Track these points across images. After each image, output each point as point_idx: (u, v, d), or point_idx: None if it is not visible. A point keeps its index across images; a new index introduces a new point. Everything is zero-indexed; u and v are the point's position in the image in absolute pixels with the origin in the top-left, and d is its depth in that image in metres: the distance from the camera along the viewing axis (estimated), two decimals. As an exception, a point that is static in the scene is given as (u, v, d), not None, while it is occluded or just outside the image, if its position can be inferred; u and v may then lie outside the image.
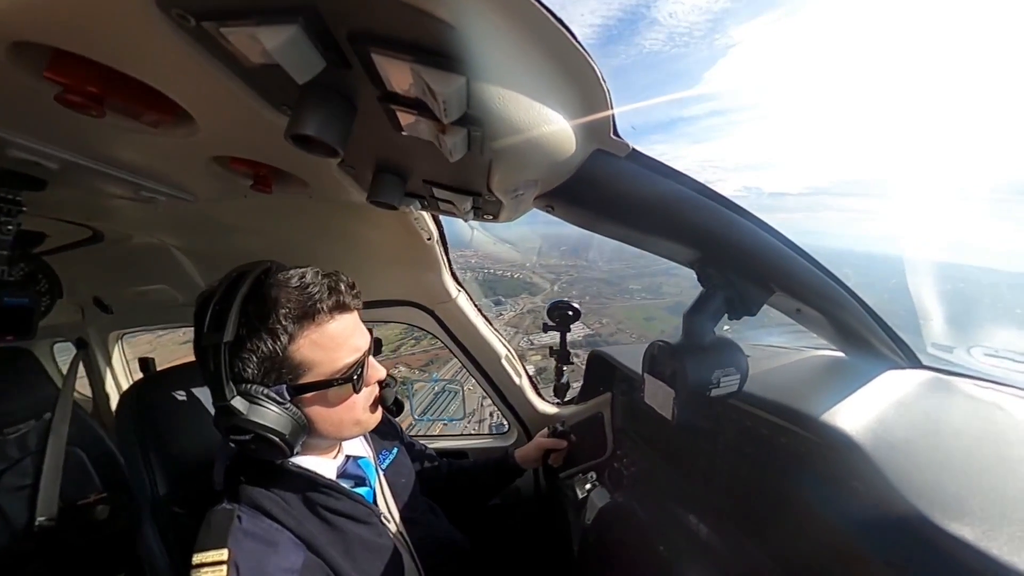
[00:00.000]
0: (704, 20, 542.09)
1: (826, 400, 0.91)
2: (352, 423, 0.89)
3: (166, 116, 0.61)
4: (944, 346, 1.16)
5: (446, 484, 1.39)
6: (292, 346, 0.77)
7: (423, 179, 0.77)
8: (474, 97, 0.41)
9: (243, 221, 1.35)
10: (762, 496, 1.01)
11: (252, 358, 0.75)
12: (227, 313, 0.73)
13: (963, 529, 0.59)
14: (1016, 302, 1.55)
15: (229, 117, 0.62)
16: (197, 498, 0.91)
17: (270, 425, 0.74)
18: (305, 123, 0.45)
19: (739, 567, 0.98)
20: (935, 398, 0.94)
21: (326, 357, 0.80)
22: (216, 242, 1.54)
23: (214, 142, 0.75)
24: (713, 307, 0.84)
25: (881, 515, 0.69)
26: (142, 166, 0.90)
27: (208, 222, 1.35)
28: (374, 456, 1.09)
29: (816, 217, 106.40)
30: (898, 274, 1.44)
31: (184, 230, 1.49)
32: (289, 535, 0.81)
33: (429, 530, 1.12)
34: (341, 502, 0.90)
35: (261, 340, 0.75)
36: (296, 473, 0.87)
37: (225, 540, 0.74)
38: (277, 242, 1.48)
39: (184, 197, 1.08)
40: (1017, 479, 0.68)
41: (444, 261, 1.63)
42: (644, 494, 1.33)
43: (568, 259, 21.89)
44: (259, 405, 0.74)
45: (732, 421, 1.09)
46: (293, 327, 0.76)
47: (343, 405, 0.85)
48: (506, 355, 1.88)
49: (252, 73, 0.46)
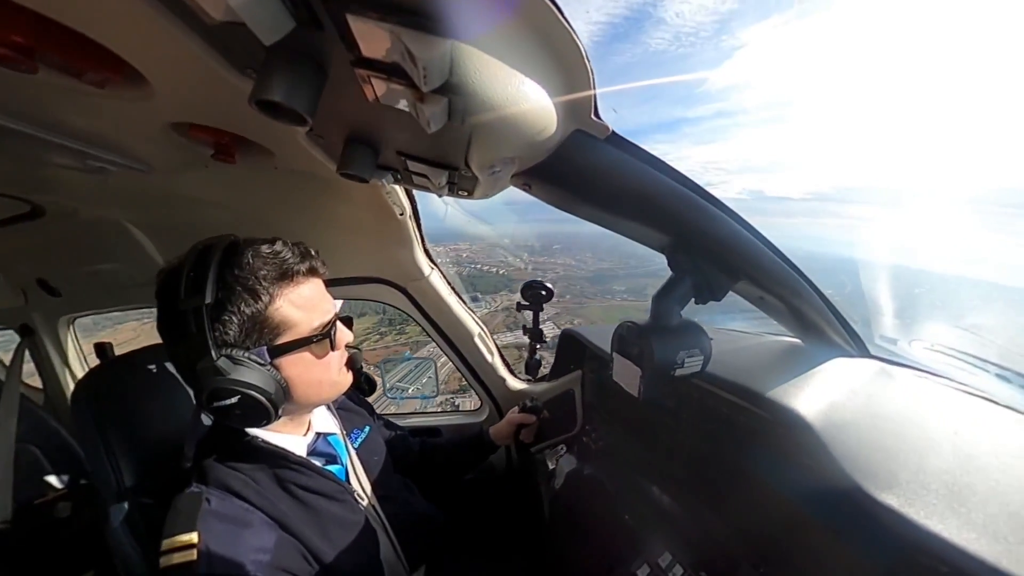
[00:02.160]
0: (711, 21, 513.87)
1: (781, 383, 0.96)
2: (329, 384, 0.89)
3: (113, 75, 0.56)
4: (890, 338, 1.25)
5: (420, 461, 1.40)
6: (272, 306, 0.77)
7: (397, 151, 0.73)
8: (457, 64, 0.39)
9: (204, 193, 1.26)
10: (720, 469, 1.08)
11: (232, 320, 0.74)
12: (204, 277, 0.72)
13: (891, 498, 0.66)
14: (953, 303, 1.68)
15: (188, 80, 0.57)
16: (167, 486, 0.88)
17: (257, 384, 0.74)
18: (272, 88, 0.42)
19: (698, 534, 1.05)
20: (878, 384, 1.01)
21: (303, 317, 0.81)
22: (175, 216, 1.43)
23: (171, 107, 0.69)
24: (681, 291, 0.86)
25: (824, 487, 0.75)
26: (88, 132, 0.82)
27: (166, 194, 1.25)
28: (344, 435, 1.08)
29: (818, 223, 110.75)
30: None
31: (138, 203, 1.38)
32: (260, 515, 0.80)
33: (404, 507, 1.13)
34: (313, 479, 0.90)
35: (242, 301, 0.74)
36: (266, 450, 0.86)
37: (194, 523, 0.72)
38: (241, 215, 1.40)
39: (138, 167, 1.00)
40: (937, 456, 0.75)
41: (417, 237, 1.59)
42: (611, 466, 1.38)
43: (559, 257, 21.92)
44: (243, 366, 0.74)
45: (694, 399, 1.15)
46: (273, 287, 0.77)
47: (320, 364, 0.85)
48: (479, 333, 1.89)
49: (214, 32, 0.43)
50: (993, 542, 0.58)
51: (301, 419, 0.96)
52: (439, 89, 0.41)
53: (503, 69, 0.42)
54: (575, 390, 1.71)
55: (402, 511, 1.10)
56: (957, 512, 0.63)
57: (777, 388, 0.94)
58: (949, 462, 0.74)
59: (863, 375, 1.03)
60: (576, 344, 1.71)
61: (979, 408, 0.92)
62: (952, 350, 1.19)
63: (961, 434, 0.83)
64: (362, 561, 0.93)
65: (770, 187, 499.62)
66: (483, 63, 0.41)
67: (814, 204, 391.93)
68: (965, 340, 1.23)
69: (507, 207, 19.54)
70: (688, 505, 1.12)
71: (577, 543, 1.27)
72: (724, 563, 0.95)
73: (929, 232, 39.39)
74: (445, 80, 0.41)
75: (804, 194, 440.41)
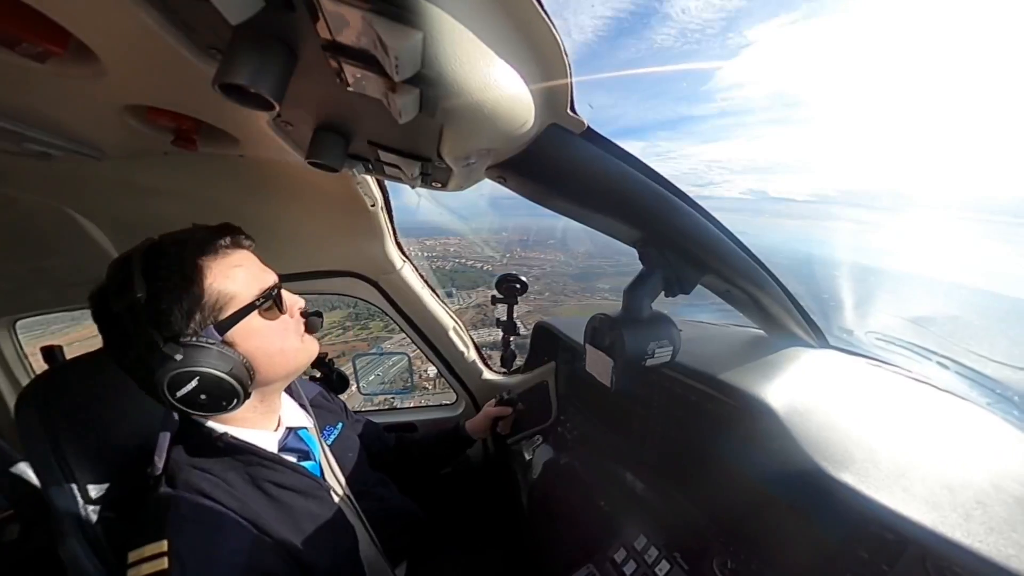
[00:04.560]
0: (718, 18, 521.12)
1: (747, 372, 1.01)
2: (293, 351, 0.87)
3: (54, 48, 0.51)
4: (847, 330, 1.33)
5: (397, 457, 1.39)
6: (205, 282, 0.75)
7: (368, 140, 0.71)
8: (430, 56, 0.38)
9: (163, 182, 1.18)
10: (690, 454, 1.12)
11: (171, 308, 0.71)
12: (129, 272, 0.70)
13: (847, 476, 0.71)
14: (903, 299, 1.81)
15: (144, 59, 0.53)
16: (131, 496, 0.84)
17: (213, 362, 0.72)
18: (237, 70, 0.40)
19: (671, 516, 1.09)
20: (836, 373, 1.08)
21: (241, 286, 0.79)
22: (131, 207, 1.31)
23: (126, 88, 0.65)
24: (651, 284, 0.89)
25: (787, 468, 0.79)
26: (24, 111, 0.75)
27: (120, 183, 1.17)
28: (317, 431, 1.06)
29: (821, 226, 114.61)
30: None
31: (89, 193, 1.26)
32: (233, 515, 0.77)
33: (381, 502, 1.11)
34: (286, 475, 0.87)
35: (175, 285, 0.72)
36: (235, 447, 0.83)
37: (163, 530, 0.69)
38: (202, 206, 1.30)
39: (88, 153, 0.92)
40: (887, 437, 0.82)
41: (389, 229, 1.56)
42: (586, 455, 1.41)
43: (550, 252, 21.77)
44: (194, 348, 0.72)
45: (664, 388, 1.18)
46: (201, 264, 0.75)
47: (276, 331, 0.83)
48: (453, 327, 1.88)
49: (174, 7, 0.40)
50: (931, 510, 0.64)
51: (270, 411, 0.93)
52: (411, 79, 0.40)
53: (478, 62, 0.42)
54: (549, 381, 1.74)
55: (379, 507, 1.09)
56: (903, 486, 0.69)
57: (743, 377, 0.99)
58: (897, 442, 0.80)
59: (822, 364, 1.10)
60: (550, 336, 1.73)
61: (923, 393, 1.00)
62: (900, 340, 1.27)
63: (907, 417, 0.90)
64: (340, 558, 0.91)
65: (773, 187, 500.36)
66: (457, 54, 0.40)
67: (817, 206, 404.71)
68: (911, 331, 1.33)
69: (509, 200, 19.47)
70: (661, 490, 1.16)
71: (556, 531, 1.29)
72: (696, 543, 0.99)
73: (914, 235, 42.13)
74: (417, 71, 0.39)
75: (807, 196, 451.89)
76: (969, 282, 3.24)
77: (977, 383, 1.08)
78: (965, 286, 2.95)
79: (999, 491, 0.68)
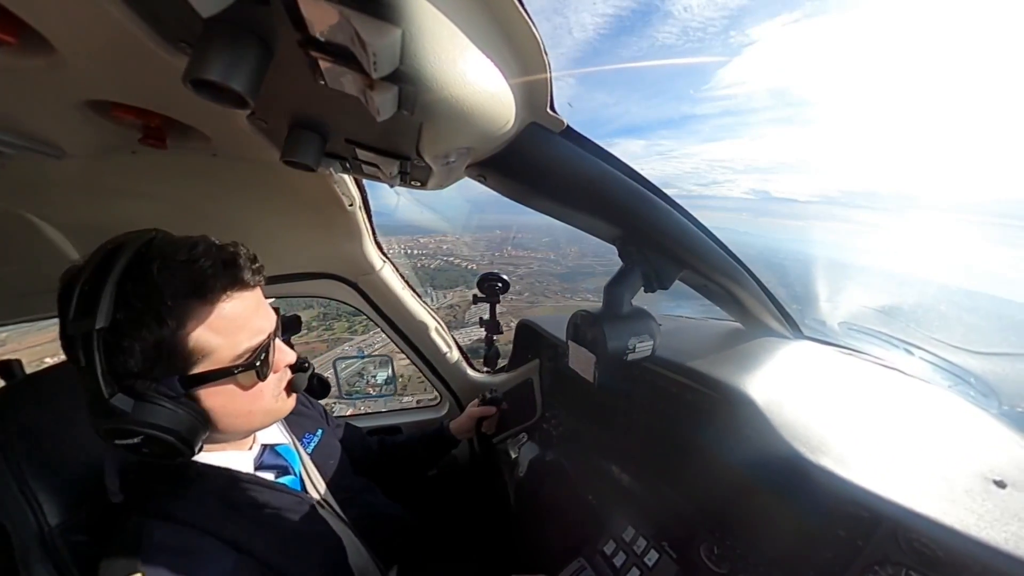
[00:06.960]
0: (720, 17, 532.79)
1: (725, 363, 1.04)
2: (262, 413, 0.78)
3: (5, 37, 0.47)
4: (820, 320, 1.39)
5: (381, 461, 1.37)
6: (182, 331, 0.64)
7: (345, 138, 0.70)
8: (408, 52, 0.38)
9: (129, 183, 1.12)
10: (673, 445, 1.15)
11: (134, 347, 0.62)
12: (99, 293, 0.60)
13: (824, 461, 0.74)
14: (876, 291, 1.91)
15: (108, 51, 0.50)
16: (102, 519, 0.79)
17: (162, 423, 0.63)
18: (209, 65, 0.38)
19: (657, 507, 1.11)
20: (810, 362, 1.12)
21: (224, 342, 0.68)
22: (94, 210, 1.23)
23: (87, 82, 0.61)
24: (631, 281, 0.90)
25: (767, 455, 0.82)
26: None
27: (83, 184, 1.09)
28: (294, 442, 1.03)
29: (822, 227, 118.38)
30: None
31: (48, 194, 1.17)
32: (212, 539, 0.73)
33: (367, 508, 1.10)
34: (264, 495, 0.84)
35: (144, 325, 0.62)
36: (208, 472, 0.79)
37: (135, 562, 0.65)
38: (173, 208, 1.25)
39: (46, 151, 0.86)
40: (860, 421, 0.86)
41: (367, 229, 1.53)
42: (572, 450, 1.42)
43: (541, 251, 21.61)
44: (147, 402, 0.63)
45: (646, 382, 1.21)
46: (182, 308, 0.64)
47: (248, 395, 0.73)
48: (435, 327, 1.86)
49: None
50: (902, 488, 0.68)
51: (243, 435, 0.89)
52: (389, 77, 0.39)
53: (457, 59, 0.41)
54: (533, 379, 1.74)
55: (366, 513, 1.07)
56: (875, 467, 0.73)
57: (721, 368, 1.02)
58: (869, 426, 0.84)
59: (797, 354, 1.14)
60: (532, 334, 1.74)
61: (892, 379, 1.05)
62: (870, 329, 1.33)
63: (878, 402, 0.95)
64: (329, 571, 0.89)
65: (776, 187, 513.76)
66: (436, 51, 0.39)
67: (820, 207, 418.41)
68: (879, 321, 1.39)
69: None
70: (646, 481, 1.18)
71: (544, 527, 1.30)
72: (683, 531, 1.01)
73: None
74: (395, 68, 0.39)
75: (810, 196, 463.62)
76: (935, 276, 3.45)
77: (939, 368, 1.14)
78: (931, 280, 3.15)
79: (961, 466, 0.73)
